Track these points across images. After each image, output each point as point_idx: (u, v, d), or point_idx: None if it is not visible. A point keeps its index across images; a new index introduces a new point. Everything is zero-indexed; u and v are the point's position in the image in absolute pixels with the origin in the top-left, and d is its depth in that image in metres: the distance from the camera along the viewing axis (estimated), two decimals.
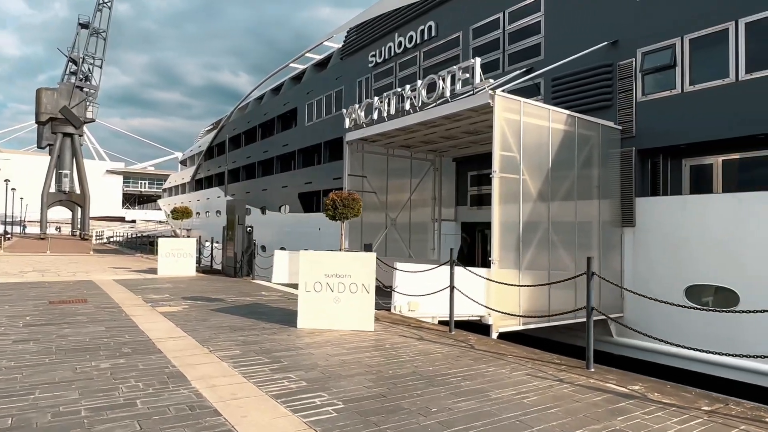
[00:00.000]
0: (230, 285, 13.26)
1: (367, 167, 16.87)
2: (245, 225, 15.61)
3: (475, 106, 11.53)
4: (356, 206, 7.71)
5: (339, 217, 7.79)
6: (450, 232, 18.81)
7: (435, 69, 19.67)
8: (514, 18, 16.76)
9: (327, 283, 7.45)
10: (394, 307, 9.60)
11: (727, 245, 11.41)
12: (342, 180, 25.24)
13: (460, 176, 18.91)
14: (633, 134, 13.27)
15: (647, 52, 13.08)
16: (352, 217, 7.83)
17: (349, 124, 16.07)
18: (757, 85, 11.08)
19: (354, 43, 25.11)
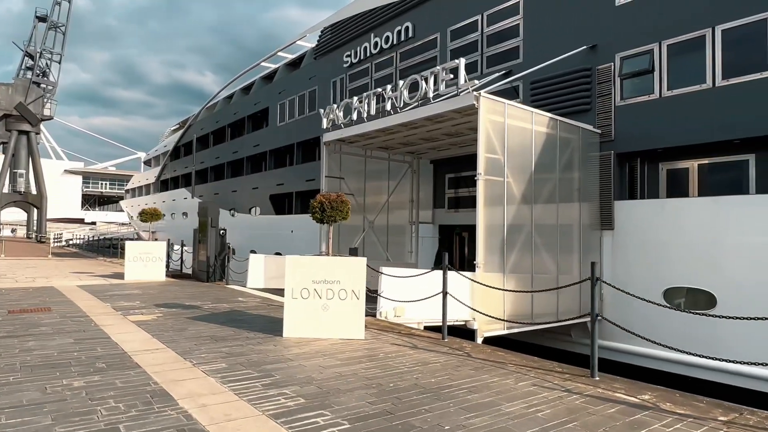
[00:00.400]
0: (204, 290, 12.69)
1: (345, 169, 16.54)
2: (218, 227, 15.03)
3: (459, 107, 11.37)
4: (345, 209, 7.40)
5: (327, 220, 7.46)
6: (427, 234, 18.65)
7: (412, 70, 19.52)
8: (493, 20, 16.74)
9: (315, 290, 7.10)
10: (380, 312, 9.30)
11: (704, 248, 11.58)
12: (315, 182, 24.90)
13: (437, 178, 18.78)
14: (612, 138, 13.38)
15: (625, 57, 13.21)
16: (340, 220, 7.51)
17: (327, 125, 15.70)
18: (734, 91, 11.29)
19: (328, 43, 24.73)
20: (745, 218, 10.99)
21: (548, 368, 5.80)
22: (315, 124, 25.22)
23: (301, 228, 25.83)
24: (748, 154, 11.76)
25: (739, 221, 11.09)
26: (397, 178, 17.87)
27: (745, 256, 10.96)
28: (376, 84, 21.44)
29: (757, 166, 11.63)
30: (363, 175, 17.06)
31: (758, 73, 10.96)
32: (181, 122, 46.33)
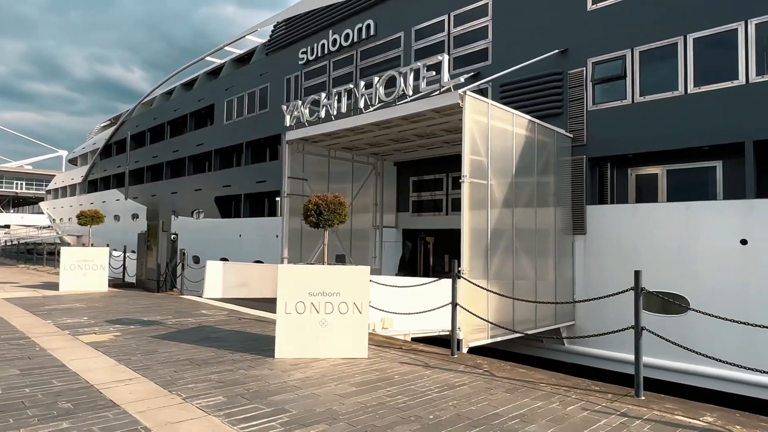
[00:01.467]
0: (158, 302, 11.40)
1: (307, 170, 15.64)
2: (170, 232, 13.69)
3: (442, 106, 10.87)
4: (343, 211, 6.65)
5: (324, 224, 6.66)
6: (390, 239, 18.06)
7: (373, 69, 18.92)
8: (460, 21, 16.44)
9: (312, 303, 6.28)
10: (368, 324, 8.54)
11: (676, 252, 11.70)
12: (267, 183, 23.69)
13: (401, 181, 18.24)
14: (584, 142, 13.37)
15: (597, 62, 13.25)
16: (338, 224, 6.74)
17: (290, 122, 14.76)
18: (705, 99, 11.51)
19: (282, 39, 23.63)
20: (715, 223, 11.19)
21: (585, 387, 5.34)
22: (267, 123, 24.06)
23: (250, 232, 24.52)
24: (715, 161, 12.03)
25: (710, 226, 11.28)
26: (361, 180, 17.16)
27: (716, 261, 11.15)
28: (335, 82, 20.65)
29: (724, 172, 11.92)
30: (326, 176, 16.22)
31: (728, 82, 11.22)
32: (113, 118, 43.18)
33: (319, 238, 16.11)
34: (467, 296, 9.76)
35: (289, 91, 23.00)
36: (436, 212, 17.15)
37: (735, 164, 11.69)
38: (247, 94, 25.57)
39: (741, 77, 11.05)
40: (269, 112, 24.10)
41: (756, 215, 10.71)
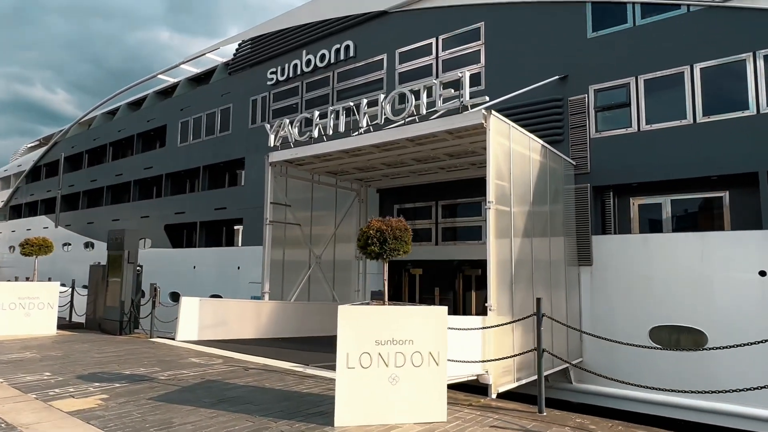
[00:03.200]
0: (130, 349, 9.53)
1: (288, 195, 14.30)
2: (137, 264, 11.80)
3: (463, 126, 10.04)
4: (409, 238, 5.50)
5: (389, 254, 5.48)
6: (372, 271, 16.81)
7: (352, 92, 18.01)
8: (450, 45, 15.92)
9: (379, 354, 5.03)
10: None
11: (692, 285, 11.31)
12: (228, 210, 21.87)
13: (384, 209, 17.16)
14: (588, 171, 12.96)
15: (600, 90, 13.00)
16: (402, 255, 5.58)
17: (275, 142, 13.43)
18: (715, 129, 11.39)
19: (247, 58, 22.29)
20: (733, 254, 10.91)
21: None
22: (228, 145, 22.39)
23: (207, 264, 22.44)
24: (722, 191, 11.90)
25: (727, 257, 10.98)
26: (344, 207, 15.97)
27: (734, 293, 10.83)
28: (307, 105, 19.53)
29: (731, 202, 11.78)
30: (309, 202, 14.93)
31: (739, 112, 11.16)
32: (43, 138, 39.47)
33: (302, 270, 14.72)
34: (496, 335, 8.78)
35: (254, 112, 21.58)
36: (424, 242, 16.16)
37: (742, 194, 11.58)
38: (206, 115, 23.83)
39: (752, 107, 11.02)
40: (231, 134, 22.50)
41: None
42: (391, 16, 17.46)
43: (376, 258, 5.52)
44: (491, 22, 14.99)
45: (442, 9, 16.16)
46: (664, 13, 12.21)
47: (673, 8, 12.09)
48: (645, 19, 12.49)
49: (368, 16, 17.98)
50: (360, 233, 5.52)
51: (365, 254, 5.50)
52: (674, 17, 12.08)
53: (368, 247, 5.39)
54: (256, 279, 20.36)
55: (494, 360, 7.86)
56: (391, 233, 5.33)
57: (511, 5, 14.66)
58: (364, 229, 5.46)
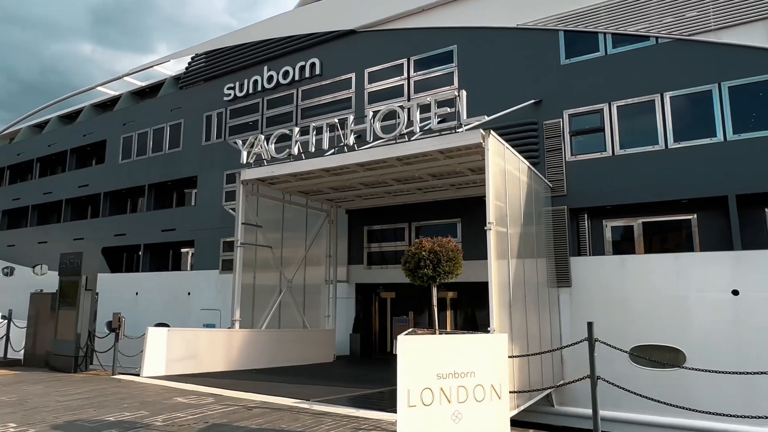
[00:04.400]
0: (94, 388, 8.31)
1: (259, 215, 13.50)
2: (95, 290, 10.51)
3: (461, 145, 9.86)
4: (460, 259, 5.08)
5: (442, 277, 5.03)
6: (341, 295, 16.17)
7: (317, 110, 17.57)
8: (422, 66, 15.90)
9: (441, 390, 4.53)
10: None
11: (669, 304, 11.62)
12: (178, 232, 20.43)
13: (353, 230, 16.66)
14: (564, 193, 13.17)
15: (574, 114, 13.35)
16: (453, 278, 5.14)
17: (248, 159, 12.65)
18: (685, 154, 11.93)
19: (202, 72, 21.27)
20: (707, 275, 11.33)
21: None
22: (178, 163, 21.07)
23: (151, 289, 20.78)
24: (691, 214, 12.44)
25: (701, 278, 11.39)
26: (314, 228, 15.30)
27: (709, 312, 11.22)
28: (268, 122, 18.82)
29: (699, 225, 12.34)
30: (280, 223, 14.16)
31: (707, 139, 11.77)
32: None
33: (273, 295, 13.84)
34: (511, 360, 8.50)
35: (209, 129, 20.52)
36: (397, 265, 15.73)
37: (710, 217, 12.17)
38: (153, 131, 22.40)
39: (719, 135, 11.65)
40: (182, 151, 21.24)
41: (745, 266, 11.02)
42: (359, 35, 17.27)
43: (427, 282, 5.07)
44: (464, 45, 15.13)
45: (413, 30, 16.17)
46: (634, 44, 12.79)
47: (643, 39, 12.70)
48: (616, 48, 13.02)
49: (335, 34, 17.68)
50: (408, 255, 5.05)
51: (414, 278, 5.04)
52: (644, 48, 12.68)
53: (420, 270, 4.93)
54: (208, 305, 19.12)
55: (552, 387, 7.50)
56: (445, 254, 4.92)
57: (484, 30, 14.88)
58: (414, 250, 5.00)
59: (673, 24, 12.33)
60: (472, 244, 14.66)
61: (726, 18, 11.78)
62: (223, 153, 19.72)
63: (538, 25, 14.03)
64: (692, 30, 12.09)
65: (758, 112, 11.37)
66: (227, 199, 19.18)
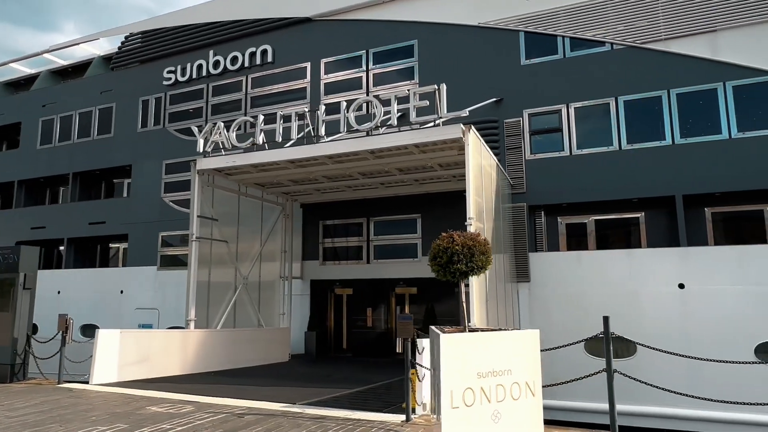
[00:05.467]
0: (46, 401, 7.30)
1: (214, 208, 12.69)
2: (34, 289, 9.30)
3: (438, 139, 9.74)
4: (490, 252, 4.92)
5: (476, 271, 4.84)
6: (297, 292, 15.60)
7: (269, 99, 16.88)
8: (381, 59, 15.67)
9: (482, 389, 4.36)
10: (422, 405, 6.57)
11: (622, 298, 12.23)
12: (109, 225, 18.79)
13: (308, 225, 16.11)
14: (524, 190, 13.49)
15: (534, 114, 13.69)
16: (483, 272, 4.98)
17: (206, 147, 11.83)
18: (637, 156, 12.60)
19: (137, 53, 19.71)
20: (656, 269, 12.02)
21: None
22: (110, 150, 19.41)
23: (77, 288, 19.01)
24: (639, 213, 13.18)
25: (651, 272, 12.07)
26: (269, 222, 14.64)
27: (658, 304, 11.93)
28: (214, 110, 17.80)
29: (647, 222, 13.10)
30: (236, 216, 13.40)
31: (657, 142, 12.50)
32: None
33: (228, 292, 13.05)
34: None
35: (146, 115, 19.06)
36: (354, 260, 15.44)
37: (656, 215, 12.95)
38: (79, 114, 20.47)
39: (668, 139, 12.41)
40: (113, 137, 19.59)
41: (690, 261, 11.81)
42: (315, 23, 16.72)
43: (460, 277, 4.87)
44: (425, 40, 15.07)
45: (372, 22, 15.88)
46: (591, 49, 13.31)
47: (599, 45, 13.24)
48: (574, 52, 13.50)
49: (289, 21, 17.01)
50: (438, 249, 4.82)
51: (445, 274, 4.82)
52: (600, 53, 13.23)
53: (454, 264, 4.72)
54: (144, 304, 17.77)
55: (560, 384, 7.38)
56: (479, 248, 4.75)
57: (445, 26, 14.89)
58: (444, 245, 4.78)
59: (626, 32, 12.96)
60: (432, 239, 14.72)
61: (674, 29, 12.55)
62: (162, 141, 18.42)
63: (500, 25, 14.24)
64: (644, 38, 12.77)
65: (701, 118, 12.21)
66: (167, 191, 17.95)
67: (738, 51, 11.99)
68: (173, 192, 17.87)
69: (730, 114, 11.93)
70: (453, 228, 14.34)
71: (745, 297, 11.12)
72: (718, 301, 11.33)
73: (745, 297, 11.12)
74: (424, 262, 14.59)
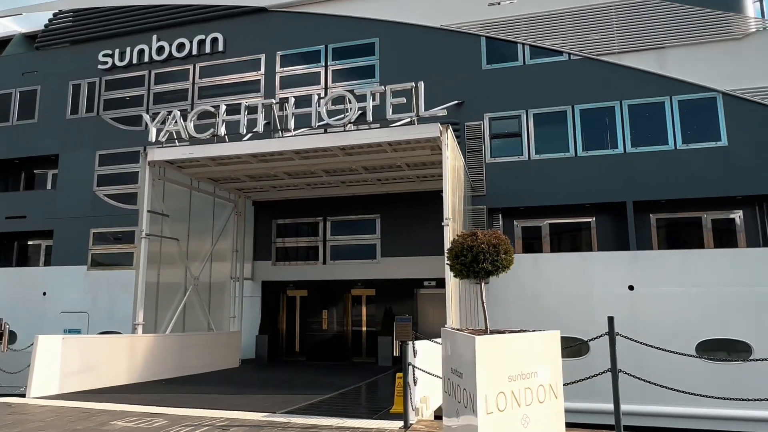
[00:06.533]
0: None
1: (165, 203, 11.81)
2: None
3: (414, 138, 9.59)
4: (512, 251, 4.77)
5: (500, 270, 4.66)
6: (248, 294, 14.84)
7: (218, 90, 16.06)
8: (341, 56, 15.32)
9: (512, 392, 4.19)
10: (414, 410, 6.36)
11: (576, 299, 12.66)
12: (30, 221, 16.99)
13: (260, 224, 15.40)
14: (484, 193, 13.64)
15: (494, 118, 13.90)
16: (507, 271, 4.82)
17: (160, 137, 10.96)
18: (591, 163, 13.12)
19: (67, 32, 18.06)
20: (608, 272, 12.55)
21: None
22: (32, 137, 17.61)
23: None
24: (590, 217, 13.73)
25: (603, 275, 12.59)
26: (221, 219, 13.84)
27: (610, 305, 12.45)
28: (156, 98, 16.65)
29: (597, 227, 13.68)
30: (187, 213, 12.54)
31: (610, 150, 13.09)
32: None
33: (178, 294, 12.17)
34: None
35: (77, 100, 17.48)
36: (309, 261, 14.93)
37: (605, 220, 13.56)
38: None
39: (620, 147, 13.02)
40: (37, 123, 17.81)
41: (639, 264, 12.43)
42: (271, 14, 16.08)
43: (484, 276, 4.69)
44: (386, 39, 14.91)
45: (332, 17, 15.50)
46: (550, 57, 13.72)
47: (557, 54, 13.68)
48: (534, 59, 13.85)
49: (243, 10, 16.24)
50: (461, 248, 4.61)
51: (468, 273, 4.62)
52: (558, 62, 13.66)
53: (481, 263, 4.53)
54: (71, 307, 16.23)
55: None
56: (503, 246, 4.60)
57: (407, 26, 14.80)
58: (469, 243, 4.58)
59: (582, 43, 13.48)
60: (392, 241, 14.56)
61: (626, 44, 13.20)
62: (96, 129, 16.97)
63: (462, 29, 14.35)
64: (599, 51, 13.34)
65: (651, 129, 12.92)
66: (101, 184, 16.54)
67: (683, 68, 12.81)
68: (108, 185, 16.51)
69: (676, 126, 12.71)
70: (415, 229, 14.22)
71: (688, 298, 11.84)
72: (664, 303, 11.97)
73: (688, 298, 11.84)
74: (383, 263, 14.56)
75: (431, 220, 14.02)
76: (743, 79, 12.44)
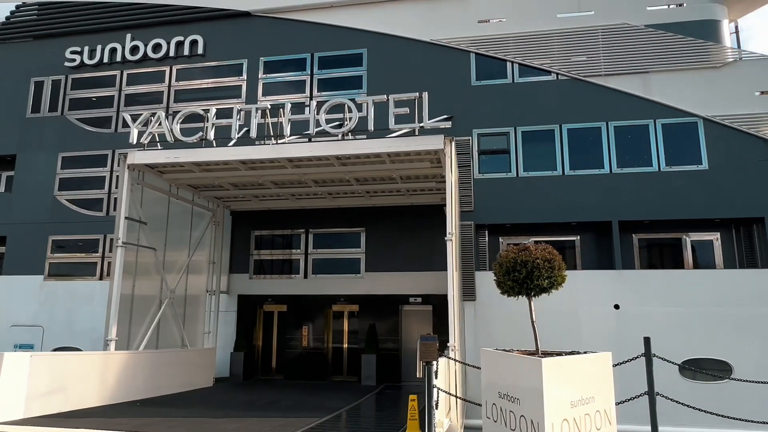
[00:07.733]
0: None
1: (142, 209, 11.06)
2: None
3: (418, 149, 9.33)
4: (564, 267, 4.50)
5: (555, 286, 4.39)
6: (223, 308, 14.07)
7: (196, 94, 15.41)
8: (327, 65, 14.99)
9: (575, 419, 3.91)
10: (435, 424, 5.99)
11: (562, 318, 12.61)
12: None
13: (238, 235, 14.70)
14: (472, 209, 13.51)
15: (483, 134, 13.87)
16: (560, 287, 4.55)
17: (142, 139, 10.26)
18: (578, 182, 13.23)
19: (31, 26, 16.98)
20: (594, 291, 12.61)
21: None
22: None
23: None
24: (575, 236, 13.82)
25: (589, 293, 12.63)
26: (198, 229, 13.11)
27: (595, 324, 12.50)
28: (128, 100, 15.82)
29: (581, 245, 13.77)
30: (164, 221, 11.80)
31: (596, 170, 13.25)
32: None
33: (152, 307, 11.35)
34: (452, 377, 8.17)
35: (39, 98, 16.39)
36: (289, 275, 14.32)
37: (590, 239, 13.67)
38: None
39: (606, 167, 13.20)
40: None
41: (624, 283, 12.55)
42: (255, 19, 15.61)
43: (537, 293, 4.41)
44: (375, 50, 14.71)
45: (320, 26, 15.19)
46: (538, 76, 13.85)
47: (545, 73, 13.83)
48: (522, 77, 13.94)
49: (225, 13, 15.71)
50: (513, 263, 4.32)
51: (522, 290, 4.34)
52: (546, 81, 13.80)
53: (536, 279, 4.25)
54: (24, 321, 14.97)
55: None
56: (557, 262, 4.34)
57: (397, 38, 14.66)
58: (523, 258, 4.30)
59: (570, 64, 13.68)
60: (377, 255, 14.17)
61: (612, 67, 13.49)
62: (60, 130, 15.93)
63: (452, 44, 14.32)
64: (586, 72, 13.56)
65: (635, 150, 13.17)
66: (63, 188, 15.46)
67: (666, 93, 13.18)
68: (70, 190, 15.46)
69: (660, 149, 13.01)
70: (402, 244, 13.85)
71: (672, 318, 11.99)
72: (649, 322, 12.08)
73: (672, 318, 11.99)
74: (367, 279, 14.13)
75: (418, 235, 13.84)
76: (722, 106, 12.89)
